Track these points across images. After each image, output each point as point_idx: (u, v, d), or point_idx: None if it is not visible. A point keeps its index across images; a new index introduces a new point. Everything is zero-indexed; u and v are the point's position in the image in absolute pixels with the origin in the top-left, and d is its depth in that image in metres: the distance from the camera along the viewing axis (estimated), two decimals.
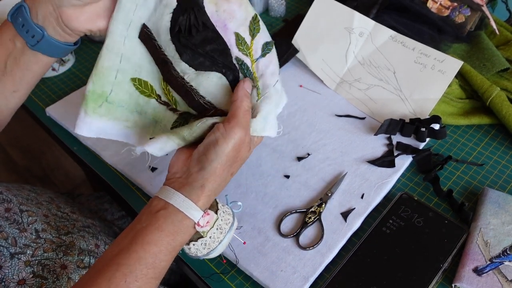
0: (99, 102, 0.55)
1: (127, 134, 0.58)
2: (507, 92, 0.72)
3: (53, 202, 0.72)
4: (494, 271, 0.52)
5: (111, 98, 0.55)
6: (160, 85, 0.56)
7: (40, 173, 1.60)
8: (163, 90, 0.56)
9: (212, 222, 0.50)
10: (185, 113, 0.56)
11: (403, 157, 0.66)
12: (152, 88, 0.57)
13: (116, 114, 0.56)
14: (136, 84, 0.56)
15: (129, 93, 0.56)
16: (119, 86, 0.55)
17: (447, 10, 0.79)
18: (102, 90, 0.55)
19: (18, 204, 0.65)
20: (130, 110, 0.57)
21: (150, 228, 0.48)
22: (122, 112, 0.57)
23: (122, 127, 0.57)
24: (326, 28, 0.78)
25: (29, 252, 0.60)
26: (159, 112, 0.57)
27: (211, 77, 0.53)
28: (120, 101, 0.56)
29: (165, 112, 0.57)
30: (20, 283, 0.57)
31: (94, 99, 0.55)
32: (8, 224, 0.61)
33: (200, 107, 0.55)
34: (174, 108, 0.57)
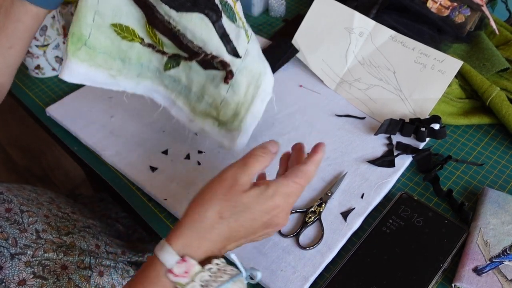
0: (78, 45, 0.55)
1: (112, 83, 0.59)
2: (507, 92, 0.72)
3: (53, 202, 0.72)
4: (494, 271, 0.52)
5: (90, 42, 0.55)
6: (143, 27, 0.56)
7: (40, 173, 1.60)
8: (148, 32, 0.56)
9: (192, 273, 0.39)
10: (175, 55, 0.57)
11: (403, 157, 0.66)
12: (134, 32, 0.56)
13: (98, 60, 0.57)
14: (117, 30, 0.56)
15: (110, 38, 0.56)
16: (99, 30, 0.55)
17: (447, 10, 0.79)
18: (80, 33, 0.55)
19: (19, 204, 0.65)
20: (113, 57, 0.57)
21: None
22: (104, 59, 0.57)
23: (106, 75, 0.58)
24: (326, 28, 0.78)
25: (30, 253, 0.60)
26: (144, 55, 0.58)
27: (194, 19, 0.53)
28: (101, 47, 0.56)
29: (151, 54, 0.58)
30: (21, 283, 0.57)
31: (74, 42, 0.55)
32: (8, 224, 0.61)
33: (190, 51, 0.55)
34: (162, 50, 0.57)
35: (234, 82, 0.57)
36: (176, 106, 0.62)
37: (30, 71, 0.85)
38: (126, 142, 0.71)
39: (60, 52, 0.83)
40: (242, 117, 0.58)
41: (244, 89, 0.57)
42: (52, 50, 0.81)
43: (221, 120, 0.59)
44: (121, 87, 0.60)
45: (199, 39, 0.54)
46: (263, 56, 0.59)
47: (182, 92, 0.61)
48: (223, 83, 0.56)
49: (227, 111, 0.58)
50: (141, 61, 0.58)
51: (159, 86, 0.61)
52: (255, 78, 0.57)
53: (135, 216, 0.66)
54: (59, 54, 0.83)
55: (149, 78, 0.60)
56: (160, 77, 0.60)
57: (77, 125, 0.73)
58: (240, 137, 0.59)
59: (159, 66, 0.59)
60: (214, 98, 0.58)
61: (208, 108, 0.60)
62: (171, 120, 0.73)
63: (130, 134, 0.72)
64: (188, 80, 0.59)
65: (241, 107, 0.58)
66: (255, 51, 0.57)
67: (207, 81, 0.58)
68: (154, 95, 0.62)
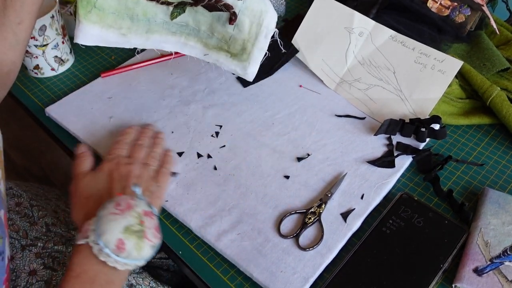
0: (88, 8, 0.59)
1: (124, 41, 0.63)
2: (507, 92, 0.71)
3: (61, 199, 0.74)
4: (494, 271, 0.52)
5: (99, 4, 0.59)
6: None
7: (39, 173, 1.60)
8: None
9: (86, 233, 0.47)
10: (181, 3, 0.61)
11: (403, 157, 0.66)
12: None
13: (108, 21, 0.61)
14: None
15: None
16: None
17: (447, 10, 0.79)
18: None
19: (28, 199, 0.67)
20: (121, 16, 0.61)
21: None
22: (114, 18, 0.61)
23: (118, 34, 0.62)
24: (326, 28, 0.78)
25: (40, 245, 0.61)
26: (149, 9, 0.62)
27: None
28: (109, 7, 0.60)
29: (155, 7, 0.62)
30: (31, 273, 0.59)
31: (84, 6, 0.59)
32: (19, 217, 0.63)
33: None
34: (166, 1, 0.61)
35: (238, 22, 0.62)
36: (188, 46, 0.66)
37: (29, 71, 0.85)
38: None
39: (59, 52, 0.82)
40: (249, 51, 0.65)
41: (248, 27, 0.63)
42: (51, 50, 0.81)
43: (232, 52, 0.65)
44: (132, 44, 0.64)
45: None
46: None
47: (191, 33, 0.65)
48: (228, 23, 0.62)
49: (236, 46, 0.65)
50: (148, 16, 0.62)
51: (167, 35, 0.65)
52: (257, 17, 0.62)
53: None
54: (58, 54, 0.82)
55: (156, 32, 0.64)
56: (168, 27, 0.64)
57: (77, 125, 0.73)
58: (250, 66, 0.66)
59: (165, 18, 0.63)
60: (223, 35, 0.64)
61: (220, 43, 0.65)
62: (171, 120, 0.73)
63: None
64: (195, 21, 0.64)
65: (247, 43, 0.64)
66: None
67: (213, 20, 0.63)
68: (163, 46, 0.66)
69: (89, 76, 0.84)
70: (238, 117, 0.73)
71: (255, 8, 0.62)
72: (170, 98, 0.77)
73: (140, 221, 0.47)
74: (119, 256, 0.46)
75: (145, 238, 0.47)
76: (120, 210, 0.47)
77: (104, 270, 0.47)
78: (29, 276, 0.58)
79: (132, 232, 0.46)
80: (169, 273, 0.81)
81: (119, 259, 0.46)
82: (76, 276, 0.47)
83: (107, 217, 0.47)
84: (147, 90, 0.79)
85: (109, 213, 0.47)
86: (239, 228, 0.59)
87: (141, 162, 0.61)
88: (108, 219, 0.46)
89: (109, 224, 0.46)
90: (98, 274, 0.47)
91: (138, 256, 0.47)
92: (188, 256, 0.58)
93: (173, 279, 0.82)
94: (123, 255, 0.46)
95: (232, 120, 0.73)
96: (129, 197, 0.50)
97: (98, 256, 0.46)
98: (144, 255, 0.47)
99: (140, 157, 0.62)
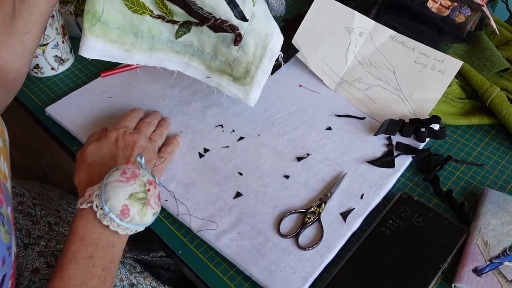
0: (93, 21, 0.59)
1: (127, 57, 0.63)
2: (507, 92, 0.71)
3: (63, 198, 0.74)
4: (493, 272, 0.52)
5: (104, 18, 0.59)
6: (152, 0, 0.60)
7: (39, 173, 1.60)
8: (157, 4, 0.60)
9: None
10: (186, 22, 0.61)
11: (402, 157, 0.66)
12: (144, 5, 0.60)
13: (112, 36, 0.60)
14: (128, 4, 0.59)
15: (122, 13, 0.59)
16: (111, 5, 0.58)
17: (447, 10, 0.79)
18: (94, 9, 0.58)
19: (31, 198, 0.67)
20: (126, 32, 0.61)
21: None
22: (118, 34, 0.61)
23: (121, 49, 0.62)
24: (326, 28, 0.78)
25: (43, 243, 0.62)
26: (154, 27, 0.62)
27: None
28: (114, 22, 0.60)
29: (161, 25, 0.62)
30: (34, 272, 0.59)
31: (89, 19, 0.59)
32: (21, 216, 0.64)
33: (201, 17, 0.60)
34: (172, 20, 0.61)
35: (243, 43, 0.62)
36: (191, 66, 0.66)
37: (29, 71, 0.85)
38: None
39: (59, 52, 0.82)
40: (253, 74, 0.64)
41: (253, 49, 0.63)
42: (51, 49, 0.81)
43: (235, 76, 0.65)
44: (135, 61, 0.64)
45: (208, 5, 0.58)
46: (270, 17, 0.63)
47: (195, 54, 0.65)
48: (233, 45, 0.61)
49: (239, 69, 0.64)
50: (152, 33, 0.62)
51: (171, 54, 0.65)
52: (262, 39, 0.62)
53: None
54: (58, 54, 0.82)
55: (160, 50, 0.64)
56: (172, 45, 0.64)
57: (77, 125, 0.73)
58: (252, 91, 0.66)
59: (170, 36, 0.63)
60: (227, 57, 0.63)
61: (223, 66, 0.64)
62: (171, 119, 0.73)
63: None
64: (200, 42, 0.63)
65: (251, 65, 0.64)
66: (262, 12, 0.61)
67: (218, 42, 0.63)
68: (166, 64, 0.66)
69: (89, 75, 0.84)
70: (238, 117, 0.73)
71: (261, 30, 0.61)
72: (170, 98, 0.77)
73: (145, 189, 0.50)
74: (123, 220, 0.48)
75: (148, 205, 0.49)
76: (126, 178, 0.49)
77: (106, 233, 0.49)
78: (31, 274, 0.59)
79: (137, 199, 0.49)
80: (169, 272, 0.82)
81: (122, 223, 0.48)
82: (80, 238, 0.49)
83: (113, 183, 0.49)
84: (147, 89, 0.79)
85: (115, 180, 0.49)
86: (238, 227, 0.59)
87: (146, 135, 0.63)
88: (115, 186, 0.48)
89: (115, 191, 0.48)
90: (101, 237, 0.49)
91: (140, 221, 0.49)
92: (188, 255, 0.58)
93: (173, 278, 0.82)
94: (126, 220, 0.48)
95: (232, 120, 0.73)
96: (134, 166, 0.52)
97: (102, 220, 0.49)
98: (146, 221, 0.50)
99: (147, 131, 0.64)
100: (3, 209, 0.41)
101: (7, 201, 0.43)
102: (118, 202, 0.48)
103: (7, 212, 0.43)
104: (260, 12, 0.61)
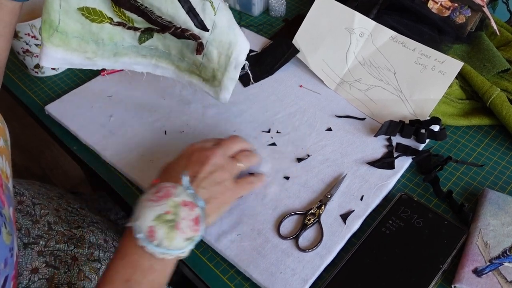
0: (50, 31, 0.57)
1: (90, 64, 0.61)
2: (508, 93, 0.71)
3: (62, 197, 0.74)
4: (493, 272, 0.52)
5: (61, 28, 0.57)
6: (110, 7, 0.57)
7: (39, 172, 1.60)
8: (115, 12, 0.58)
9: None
10: (148, 29, 0.59)
11: (403, 159, 0.66)
12: (102, 13, 0.58)
13: (72, 45, 0.58)
14: (85, 13, 0.57)
15: (80, 22, 0.57)
16: (67, 15, 0.56)
17: (447, 11, 0.79)
18: (50, 19, 0.56)
19: (31, 197, 0.67)
20: (86, 40, 0.59)
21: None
22: (78, 42, 0.58)
23: (82, 57, 0.60)
24: (326, 28, 0.78)
25: (42, 243, 0.61)
26: (116, 34, 0.60)
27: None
28: (73, 31, 0.57)
29: (123, 32, 0.60)
30: (33, 271, 0.59)
31: (46, 29, 0.57)
32: (21, 215, 0.64)
33: (161, 25, 0.57)
34: (133, 26, 0.59)
35: (206, 51, 0.59)
36: (160, 67, 0.64)
37: (30, 70, 0.85)
38: (125, 141, 0.70)
39: None
40: (220, 79, 0.62)
41: (216, 58, 0.60)
42: None
43: (204, 77, 0.63)
44: (99, 66, 0.62)
45: (166, 14, 0.56)
46: (234, 25, 0.59)
47: (162, 56, 0.63)
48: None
49: (207, 73, 0.62)
50: (114, 40, 0.60)
51: (137, 58, 0.63)
52: (225, 48, 0.59)
53: None
54: None
55: (125, 55, 0.62)
56: (137, 50, 0.62)
57: (76, 124, 0.73)
58: (222, 93, 0.63)
59: (133, 42, 0.61)
60: (193, 60, 0.62)
61: (191, 67, 0.63)
62: (172, 119, 0.73)
63: (130, 133, 0.72)
64: (165, 46, 0.62)
65: (217, 71, 0.61)
66: (224, 22, 0.58)
67: (183, 46, 0.61)
68: (134, 67, 0.64)
69: (89, 74, 0.84)
70: (238, 117, 0.73)
71: (223, 40, 0.58)
72: (170, 97, 0.77)
73: (175, 211, 0.46)
74: (151, 243, 0.45)
75: (176, 228, 0.46)
76: (158, 197, 0.46)
77: (145, 256, 0.46)
78: (31, 274, 0.59)
79: (164, 221, 0.45)
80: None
81: (152, 247, 0.45)
82: (120, 258, 0.47)
83: (144, 202, 0.46)
84: (147, 88, 0.78)
85: (147, 199, 0.47)
86: (238, 228, 0.59)
87: (226, 153, 0.56)
88: (144, 205, 0.46)
89: (143, 210, 0.46)
90: (140, 260, 0.46)
91: (169, 245, 0.45)
92: (188, 255, 0.58)
93: (173, 278, 0.82)
94: (154, 242, 0.45)
95: (232, 119, 0.73)
96: (171, 184, 0.49)
97: (137, 241, 0.46)
98: (176, 246, 0.46)
99: (228, 149, 0.57)
100: (5, 210, 0.41)
101: (9, 202, 0.43)
102: (145, 223, 0.45)
103: (9, 213, 0.43)
104: (222, 21, 0.58)
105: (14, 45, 0.81)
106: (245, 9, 0.96)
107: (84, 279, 0.61)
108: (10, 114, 1.13)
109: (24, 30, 0.77)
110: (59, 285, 0.59)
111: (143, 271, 0.46)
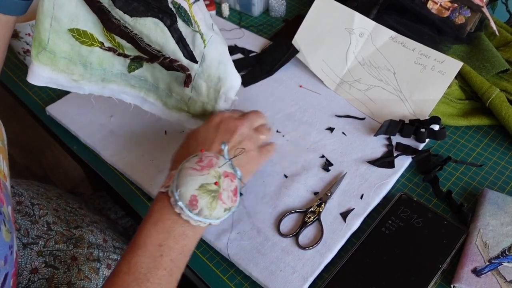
0: (39, 49, 0.56)
1: (76, 86, 0.59)
2: (507, 93, 0.72)
3: (61, 197, 0.74)
4: (493, 272, 0.52)
5: (50, 47, 0.56)
6: (101, 31, 0.56)
7: (39, 172, 1.60)
8: (106, 37, 0.57)
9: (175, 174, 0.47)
10: (137, 57, 0.58)
11: (402, 158, 0.66)
12: (93, 36, 0.57)
13: (60, 65, 0.57)
14: (75, 35, 0.56)
15: (70, 43, 0.56)
16: (57, 35, 0.55)
17: (447, 11, 0.79)
18: (40, 38, 0.56)
19: (29, 198, 0.67)
20: (74, 62, 0.58)
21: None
22: (66, 64, 0.57)
23: (69, 79, 0.59)
24: (326, 29, 0.78)
25: (41, 243, 0.62)
26: (106, 59, 0.58)
27: (148, 24, 0.53)
28: (61, 52, 0.56)
29: (112, 58, 0.58)
30: (33, 271, 0.59)
31: (35, 46, 0.56)
32: (20, 216, 0.64)
33: (149, 54, 0.56)
34: (123, 53, 0.58)
35: (195, 84, 0.58)
36: (148, 102, 0.63)
37: None
38: (125, 141, 0.71)
39: None
40: (210, 112, 0.60)
41: (205, 91, 0.58)
42: None
43: (193, 113, 0.62)
44: (86, 90, 0.60)
45: (155, 43, 0.55)
46: (226, 60, 0.57)
47: (150, 89, 0.62)
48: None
49: (196, 108, 0.61)
50: (104, 65, 0.59)
51: (125, 87, 0.62)
52: (214, 83, 0.57)
53: (134, 216, 0.66)
54: None
55: (114, 82, 0.61)
56: (126, 78, 0.61)
57: (77, 124, 0.74)
58: None
59: (122, 69, 0.59)
60: (181, 95, 0.60)
61: (179, 103, 0.61)
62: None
63: (130, 133, 0.72)
64: (154, 78, 0.60)
65: (207, 105, 0.60)
66: (215, 55, 0.56)
67: (171, 80, 0.59)
68: (122, 96, 0.63)
69: None
70: None
71: (212, 74, 0.57)
72: None
73: (217, 181, 0.46)
74: (191, 211, 0.45)
75: (219, 199, 0.46)
76: (201, 166, 0.47)
77: (179, 222, 0.47)
78: (30, 274, 0.59)
79: (207, 191, 0.46)
80: None
81: (191, 215, 0.46)
82: (153, 223, 0.47)
83: (187, 170, 0.47)
84: None
85: (190, 167, 0.47)
86: (238, 227, 0.59)
87: (252, 124, 0.58)
88: (187, 173, 0.46)
89: (186, 179, 0.46)
90: (174, 225, 0.47)
91: (209, 215, 0.46)
92: None
93: None
94: (195, 211, 0.45)
95: None
96: (213, 154, 0.49)
97: (174, 208, 0.46)
98: (216, 215, 0.47)
99: (254, 120, 0.59)
100: (4, 208, 0.42)
101: (7, 200, 0.44)
102: (188, 192, 0.45)
103: (7, 211, 0.43)
104: (212, 54, 0.56)
105: (14, 45, 0.81)
106: (245, 9, 0.97)
107: (84, 279, 0.61)
108: (11, 114, 1.13)
109: (25, 30, 0.77)
110: (59, 285, 0.59)
111: (176, 236, 0.47)
